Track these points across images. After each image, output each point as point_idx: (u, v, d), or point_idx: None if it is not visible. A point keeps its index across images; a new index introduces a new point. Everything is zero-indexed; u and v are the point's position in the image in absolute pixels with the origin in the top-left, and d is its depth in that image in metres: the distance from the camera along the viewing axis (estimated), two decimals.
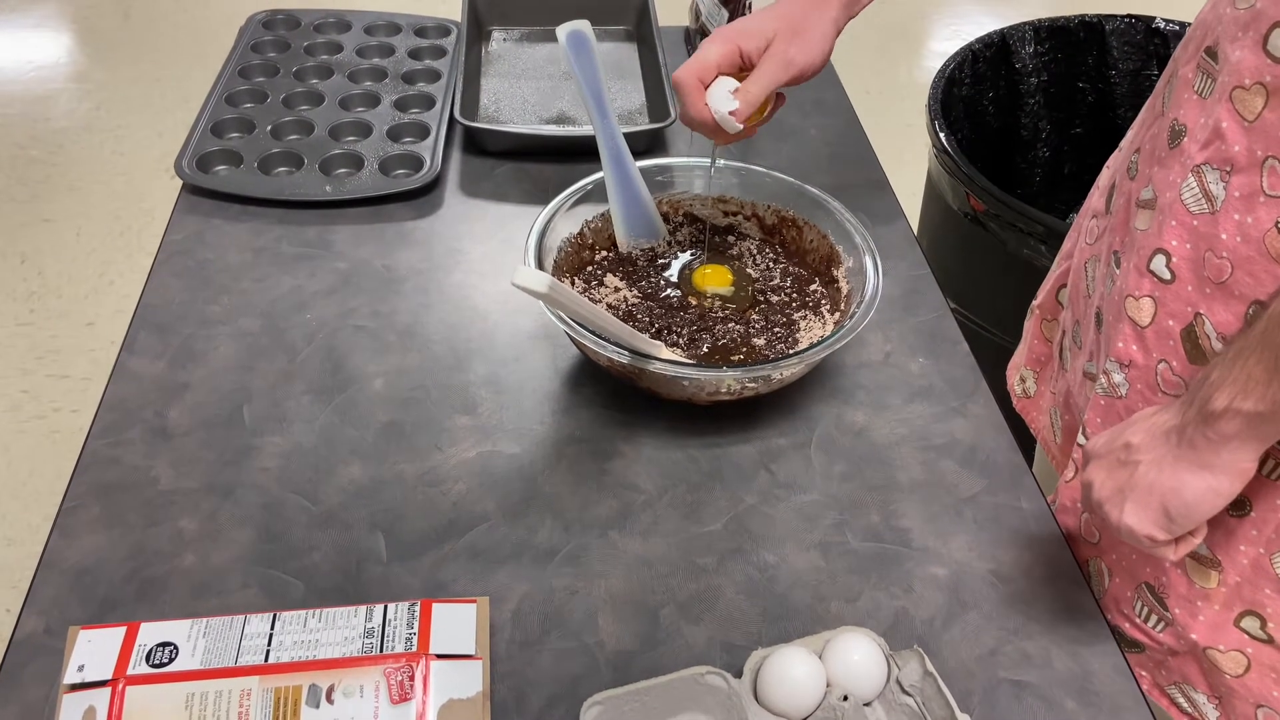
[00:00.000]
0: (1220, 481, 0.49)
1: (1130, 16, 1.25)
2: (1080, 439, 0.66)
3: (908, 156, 1.42)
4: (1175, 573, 0.59)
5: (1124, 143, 0.71)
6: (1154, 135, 0.62)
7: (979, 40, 1.23)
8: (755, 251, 0.83)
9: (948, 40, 2.84)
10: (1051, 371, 0.79)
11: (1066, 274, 0.78)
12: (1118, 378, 0.61)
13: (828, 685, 0.56)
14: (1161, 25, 1.24)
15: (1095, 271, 0.68)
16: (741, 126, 0.70)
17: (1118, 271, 0.63)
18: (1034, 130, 1.30)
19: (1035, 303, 0.84)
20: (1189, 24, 1.25)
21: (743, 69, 0.71)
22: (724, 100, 0.69)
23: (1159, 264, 0.57)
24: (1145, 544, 0.52)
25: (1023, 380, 0.84)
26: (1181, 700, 0.63)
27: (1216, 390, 0.47)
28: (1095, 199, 0.73)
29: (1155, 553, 0.53)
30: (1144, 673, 0.63)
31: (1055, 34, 1.26)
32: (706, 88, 0.70)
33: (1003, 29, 1.25)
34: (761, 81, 0.69)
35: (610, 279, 0.80)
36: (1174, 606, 0.60)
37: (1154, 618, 0.61)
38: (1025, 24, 1.26)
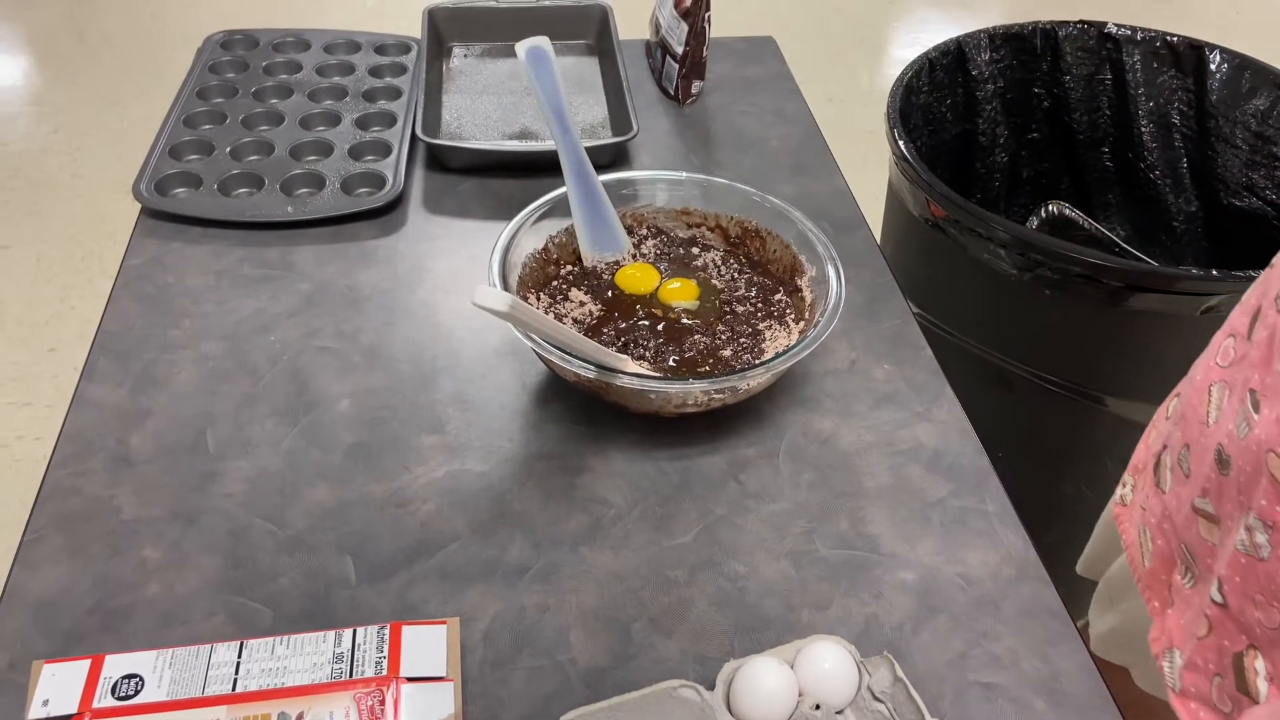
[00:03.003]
0: None
1: (1082, 23, 1.27)
2: (1214, 594, 0.58)
3: (870, 163, 1.43)
4: None
5: (1276, 259, 0.62)
6: None
7: (936, 48, 1.25)
8: (720, 263, 0.84)
9: (907, 47, 2.88)
10: (1145, 484, 0.70)
11: (1185, 383, 0.69)
12: (1261, 538, 0.55)
13: (800, 694, 0.56)
14: (1114, 30, 1.26)
15: (1224, 401, 0.60)
16: None
17: (1255, 416, 0.55)
18: (992, 136, 1.32)
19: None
20: (1140, 28, 1.28)
21: None
22: None
23: None
24: None
25: (1124, 484, 0.75)
26: None
27: None
28: (1237, 317, 0.63)
29: None
30: None
31: (1010, 41, 1.28)
32: None
33: (958, 37, 1.27)
34: None
35: (575, 293, 0.80)
36: None
37: None
38: (981, 32, 1.28)
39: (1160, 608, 0.66)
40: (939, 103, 1.27)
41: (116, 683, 0.53)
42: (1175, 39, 1.25)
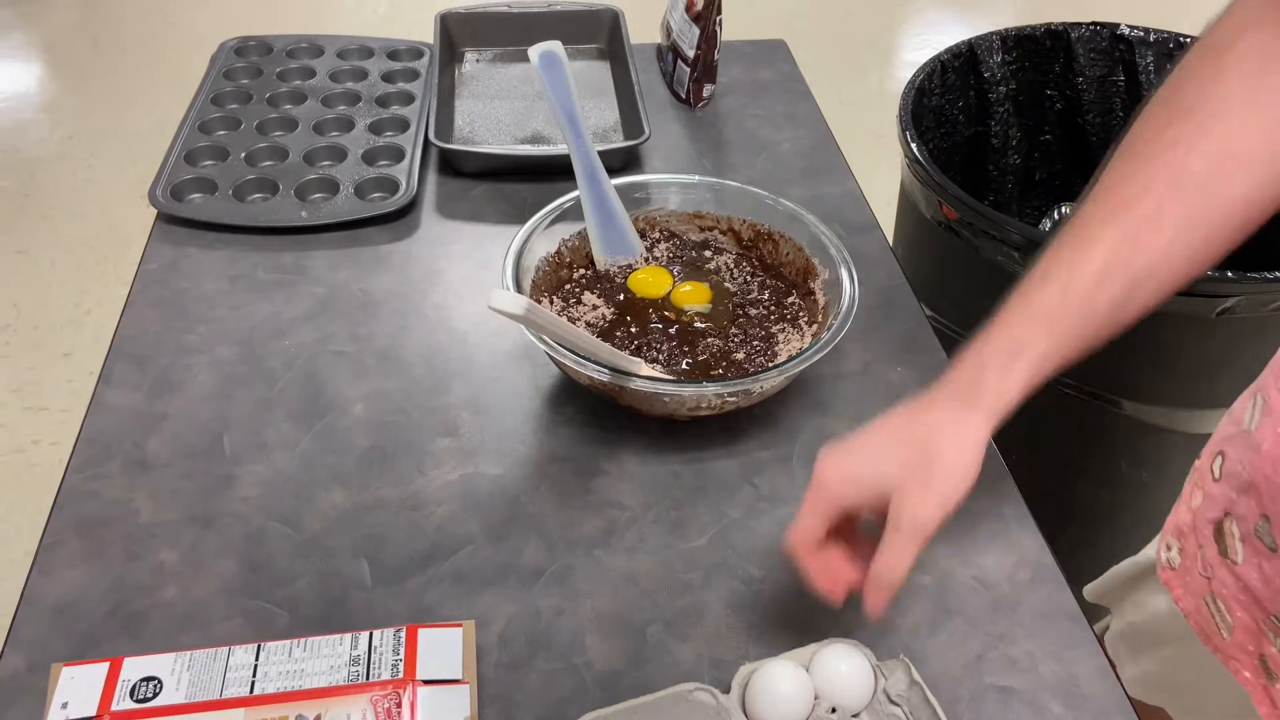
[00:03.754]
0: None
1: (1095, 24, 1.27)
2: None
3: (883, 167, 1.43)
4: None
5: None
6: None
7: (947, 50, 1.24)
8: (732, 266, 0.84)
9: (918, 50, 2.87)
10: (1201, 550, 0.66)
11: (1228, 442, 0.64)
12: None
13: (815, 698, 0.56)
14: (1126, 32, 1.25)
15: None
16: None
17: None
18: (1004, 138, 1.32)
19: (1197, 462, 0.70)
20: (1153, 29, 1.28)
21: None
22: None
23: None
24: None
25: (1169, 548, 0.71)
26: None
27: None
28: None
29: None
30: None
31: (1022, 43, 1.28)
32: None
33: (970, 39, 1.26)
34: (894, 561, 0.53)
35: (588, 296, 0.80)
36: None
37: None
38: (993, 33, 1.27)
39: (1255, 679, 0.63)
40: (951, 105, 1.26)
41: (135, 685, 0.53)
42: (1188, 40, 1.24)
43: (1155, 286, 0.54)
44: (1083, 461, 1.16)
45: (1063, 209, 1.28)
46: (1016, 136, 1.34)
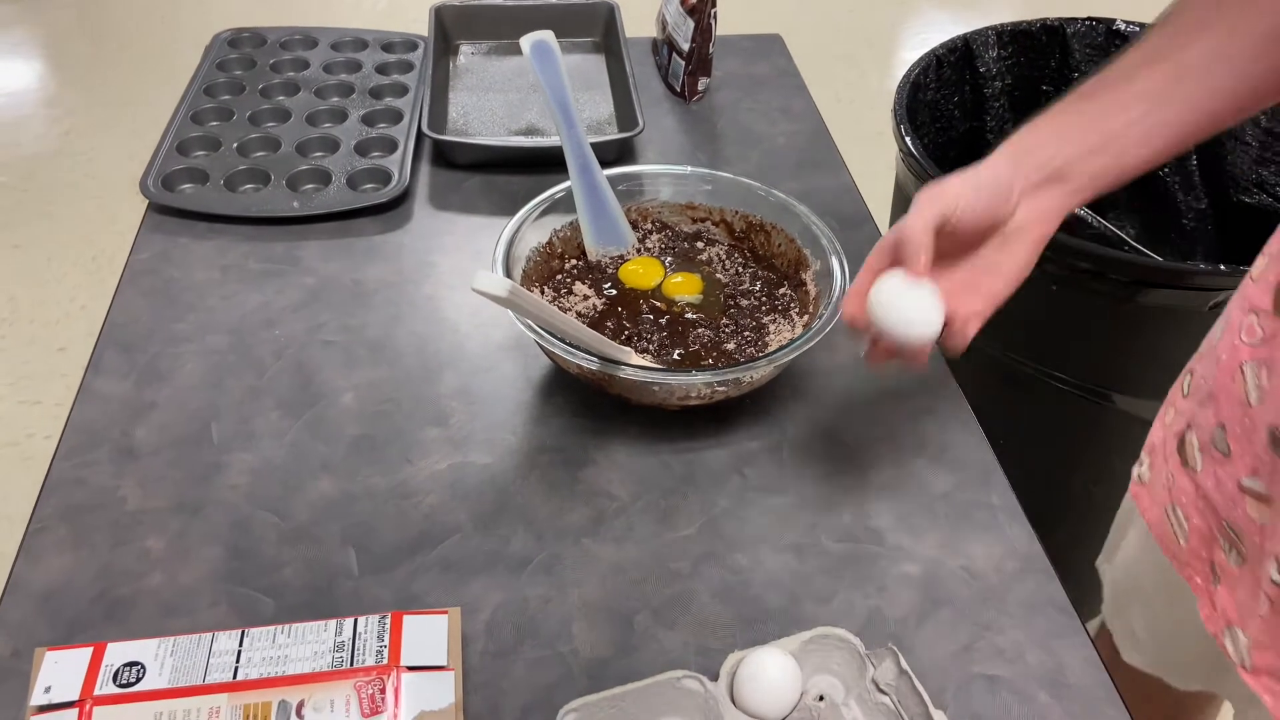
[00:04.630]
0: None
1: (1090, 19, 1.26)
2: (1274, 575, 0.58)
3: (880, 164, 1.43)
4: None
5: None
6: None
7: (943, 45, 1.24)
8: (724, 257, 0.84)
9: (916, 49, 2.87)
10: (1166, 463, 0.70)
11: (1197, 360, 0.68)
12: None
13: (803, 686, 0.56)
14: (1122, 27, 1.25)
15: (1264, 380, 0.58)
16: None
17: None
18: (1000, 133, 1.32)
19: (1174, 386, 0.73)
20: (1148, 25, 1.27)
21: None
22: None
23: None
24: None
25: (1140, 463, 0.75)
26: None
27: None
28: (1256, 293, 0.61)
29: None
30: None
31: (1017, 38, 1.28)
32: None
33: (965, 34, 1.26)
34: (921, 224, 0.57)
35: (579, 287, 0.80)
36: None
37: None
38: (988, 28, 1.27)
39: (1204, 584, 0.66)
40: (946, 100, 1.26)
41: (118, 670, 0.53)
42: None
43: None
44: (1075, 456, 1.16)
45: None
46: (1011, 131, 1.33)
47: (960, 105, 1.28)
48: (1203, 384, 0.65)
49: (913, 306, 0.56)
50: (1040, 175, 0.59)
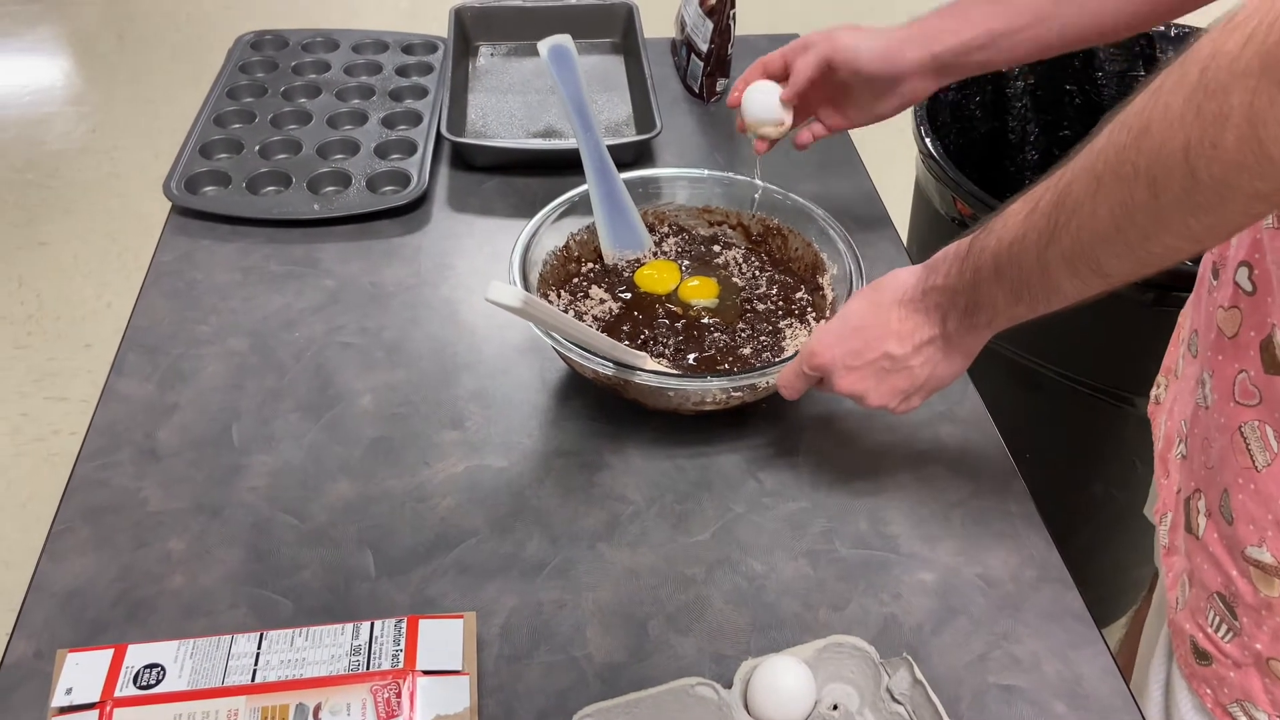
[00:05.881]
0: (967, 364, 0.62)
1: None
2: (1180, 450, 0.65)
3: (899, 164, 1.42)
4: (1243, 581, 0.58)
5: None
6: None
7: None
8: (741, 261, 0.84)
9: None
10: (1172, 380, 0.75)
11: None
12: (1206, 389, 0.61)
13: (817, 695, 0.55)
14: None
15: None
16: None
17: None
18: (1022, 134, 1.31)
19: None
20: (1174, 24, 1.26)
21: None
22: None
23: (1242, 276, 0.58)
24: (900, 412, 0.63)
25: (1157, 385, 0.79)
26: (1242, 717, 0.61)
27: (976, 312, 0.57)
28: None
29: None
30: (1208, 690, 0.62)
31: None
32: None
33: None
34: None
35: (595, 290, 0.80)
36: (1242, 615, 0.59)
37: (1224, 627, 0.60)
38: None
39: (1159, 478, 0.72)
40: (968, 100, 1.25)
41: (138, 672, 0.54)
42: None
43: None
44: (1096, 461, 1.15)
45: None
46: (1034, 132, 1.32)
47: (982, 105, 1.27)
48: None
49: (761, 101, 0.79)
50: (930, 63, 0.74)
